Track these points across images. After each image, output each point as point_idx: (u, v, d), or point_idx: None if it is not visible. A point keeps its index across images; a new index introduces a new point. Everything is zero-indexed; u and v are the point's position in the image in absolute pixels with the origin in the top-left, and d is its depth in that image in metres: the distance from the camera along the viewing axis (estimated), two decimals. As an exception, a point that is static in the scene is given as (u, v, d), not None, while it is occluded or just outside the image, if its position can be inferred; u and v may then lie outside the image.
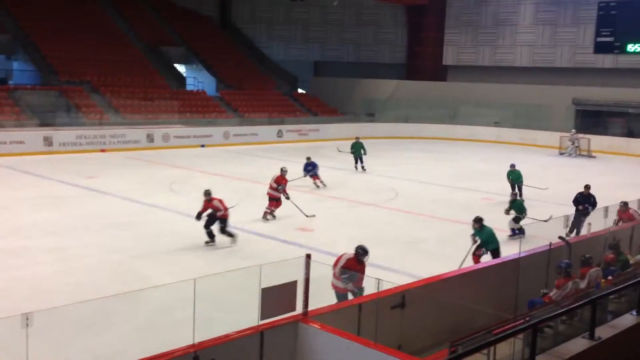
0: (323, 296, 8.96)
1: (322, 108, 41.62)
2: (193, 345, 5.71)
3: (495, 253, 11.61)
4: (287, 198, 16.43)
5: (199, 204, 16.68)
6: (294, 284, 6.86)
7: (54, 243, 13.20)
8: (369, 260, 9.51)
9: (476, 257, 11.87)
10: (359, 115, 40.93)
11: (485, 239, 11.74)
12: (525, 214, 14.99)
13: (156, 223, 15.50)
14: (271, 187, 16.41)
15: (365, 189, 21.13)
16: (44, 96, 31.11)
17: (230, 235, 13.79)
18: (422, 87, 42.00)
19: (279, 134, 35.17)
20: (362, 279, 9.08)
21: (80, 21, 37.69)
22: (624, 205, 13.07)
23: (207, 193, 13.85)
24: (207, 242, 13.61)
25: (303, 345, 6.40)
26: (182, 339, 7.35)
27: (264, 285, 6.96)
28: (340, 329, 6.22)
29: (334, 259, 12.58)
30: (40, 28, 35.46)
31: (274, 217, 16.30)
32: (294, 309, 6.76)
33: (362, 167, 24.78)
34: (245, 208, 17.46)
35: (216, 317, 8.80)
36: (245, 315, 8.65)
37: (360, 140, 25.24)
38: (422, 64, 44.02)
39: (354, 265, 9.29)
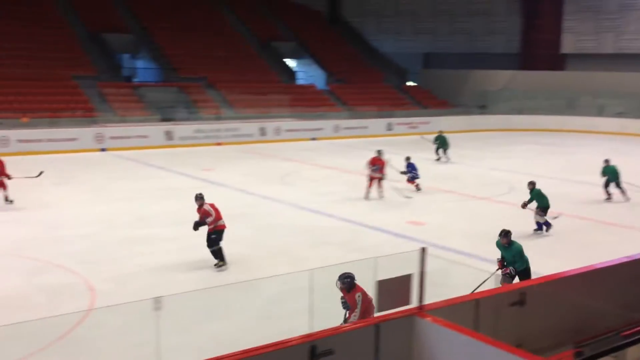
0: (438, 290, 8.84)
1: (432, 100, 40.97)
2: (309, 335, 5.78)
3: (525, 274, 9.55)
4: (383, 178, 17.59)
5: (310, 196, 16.92)
6: (409, 277, 6.79)
7: (175, 232, 13.82)
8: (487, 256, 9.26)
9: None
10: (471, 107, 39.91)
11: (510, 257, 9.62)
12: (547, 206, 13.89)
13: (269, 214, 15.88)
14: (369, 169, 17.68)
15: (476, 182, 20.61)
16: (165, 92, 32.70)
17: (217, 256, 11.38)
18: (537, 77, 40.34)
19: (389, 127, 35.01)
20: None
21: (197, 21, 39.25)
22: None
23: (199, 197, 11.73)
24: (215, 265, 11.33)
25: (419, 340, 6.30)
26: (297, 329, 7.52)
27: (378, 278, 6.96)
28: (456, 324, 6.09)
29: (448, 253, 12.40)
30: (162, 28, 37.27)
31: (383, 196, 17.53)
32: (408, 303, 6.69)
33: (447, 158, 25.02)
34: (355, 201, 17.57)
35: (329, 308, 8.90)
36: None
37: (444, 134, 25.51)
38: (537, 52, 42.25)
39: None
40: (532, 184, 14.29)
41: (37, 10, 34.09)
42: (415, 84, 44.51)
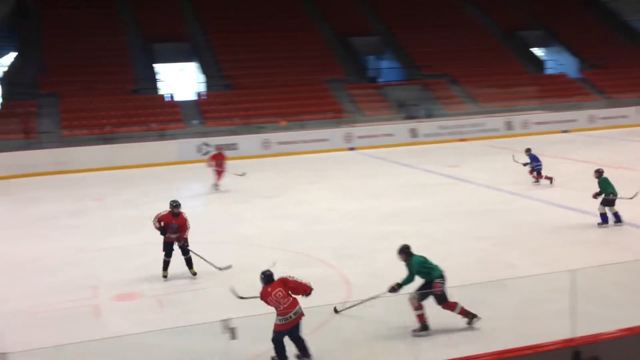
0: None
1: None
2: (572, 340, 5.45)
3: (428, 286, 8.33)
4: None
5: (563, 192, 15.95)
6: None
7: (422, 228, 13.99)
8: None
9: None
10: None
11: (415, 272, 8.63)
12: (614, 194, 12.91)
13: (519, 211, 15.30)
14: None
15: None
16: (408, 90, 33.25)
17: (191, 266, 11.16)
18: None
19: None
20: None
21: (438, 16, 39.20)
22: None
23: (177, 205, 11.48)
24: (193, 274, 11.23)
25: None
26: (555, 332, 7.13)
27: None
28: None
29: None
30: (405, 28, 37.94)
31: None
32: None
33: None
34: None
35: (592, 311, 8.29)
36: (624, 312, 8.00)
37: None
38: None
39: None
40: (598, 172, 13.60)
41: (290, 21, 36.91)
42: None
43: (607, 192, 13.23)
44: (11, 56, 32.72)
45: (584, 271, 7.73)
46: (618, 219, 13.21)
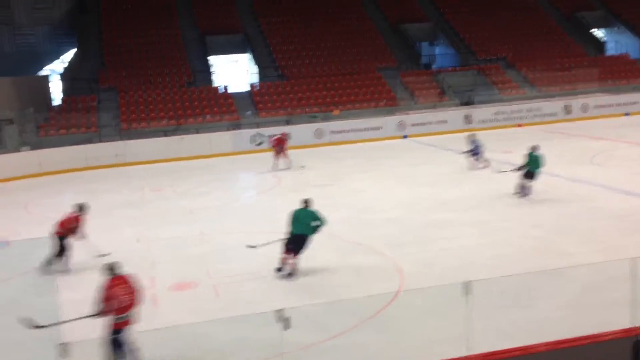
0: None
1: None
2: (632, 329, 5.30)
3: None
4: None
5: (625, 177, 15.54)
6: None
7: (475, 216, 13.82)
8: None
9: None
10: None
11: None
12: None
13: (578, 198, 14.89)
14: None
15: None
16: (462, 76, 32.70)
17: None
18: None
19: None
20: None
21: (495, 0, 38.35)
22: None
23: (82, 207, 11.84)
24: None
25: None
26: (614, 322, 6.95)
27: None
28: None
29: None
30: (458, 13, 37.28)
31: None
32: None
33: None
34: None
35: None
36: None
37: None
38: None
39: None
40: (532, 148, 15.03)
41: (342, 10, 36.77)
42: None
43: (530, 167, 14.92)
44: (72, 52, 33.74)
45: (642, 260, 7.46)
46: (526, 192, 14.95)
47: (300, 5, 36.52)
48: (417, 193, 16.67)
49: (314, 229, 10.63)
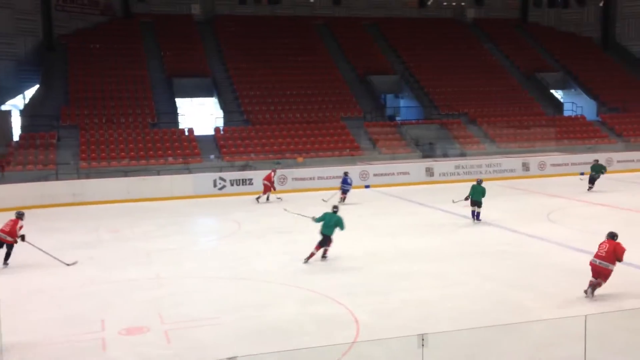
0: None
1: None
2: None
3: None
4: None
5: (580, 235, 15.87)
6: None
7: (436, 268, 13.87)
8: None
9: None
10: None
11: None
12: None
13: (533, 253, 15.10)
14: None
15: None
16: (425, 130, 33.33)
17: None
18: None
19: (606, 164, 31.12)
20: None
21: (459, 57, 39.51)
22: None
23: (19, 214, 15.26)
24: None
25: None
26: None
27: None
28: None
29: None
30: (423, 67, 38.25)
31: None
32: None
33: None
34: (634, 242, 15.88)
35: (603, 358, 8.11)
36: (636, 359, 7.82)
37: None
38: None
39: None
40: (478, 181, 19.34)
41: (311, 59, 37.39)
42: None
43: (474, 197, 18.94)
44: (34, 88, 33.37)
45: (597, 317, 7.56)
46: (477, 217, 18.89)
47: (269, 53, 37.01)
48: (379, 243, 16.69)
49: (334, 230, 14.66)
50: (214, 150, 29.62)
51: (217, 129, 31.34)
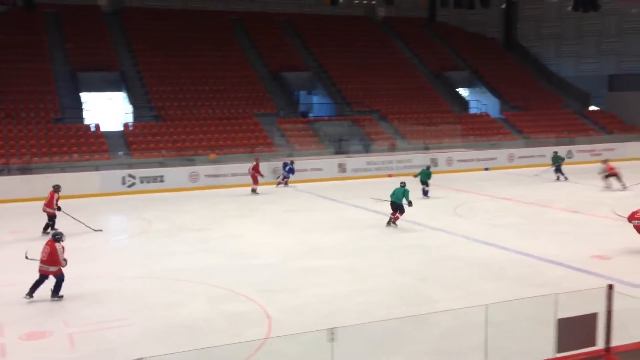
0: (627, 331, 8.09)
1: (618, 125, 38.09)
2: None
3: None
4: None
5: (484, 228, 16.50)
6: (593, 316, 6.32)
7: (348, 263, 14.08)
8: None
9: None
10: (665, 131, 36.55)
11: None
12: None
13: (442, 247, 15.61)
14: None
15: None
16: (338, 126, 33.67)
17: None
18: None
19: (569, 154, 33.02)
20: None
21: (371, 55, 40.15)
22: None
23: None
24: None
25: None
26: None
27: (559, 316, 6.54)
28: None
29: (638, 291, 11.30)
30: (336, 65, 38.63)
31: None
32: (593, 344, 6.22)
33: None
34: (533, 233, 16.72)
35: (506, 345, 8.49)
36: (536, 346, 8.24)
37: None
38: None
39: None
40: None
41: (224, 55, 36.95)
42: (598, 109, 41.70)
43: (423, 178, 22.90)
44: None
45: (499, 305, 7.92)
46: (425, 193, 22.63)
47: (181, 47, 36.29)
48: (292, 239, 16.76)
49: (402, 199, 17.69)
50: (122, 147, 28.74)
51: (126, 125, 30.43)
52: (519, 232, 16.98)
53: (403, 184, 18.14)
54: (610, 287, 6.08)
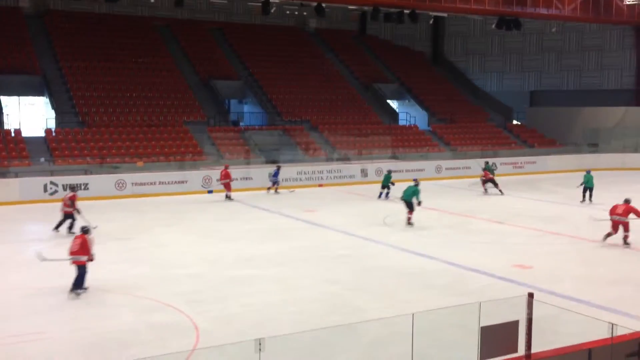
0: (547, 338, 8.40)
1: (538, 139, 39.70)
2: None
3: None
4: None
5: (412, 238, 16.76)
6: (515, 323, 6.52)
7: (278, 273, 14.03)
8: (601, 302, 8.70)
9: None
10: (580, 145, 38.32)
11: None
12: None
13: (371, 256, 15.78)
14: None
15: (588, 224, 19.55)
16: (269, 135, 33.66)
17: None
18: (654, 113, 38.23)
19: (493, 167, 34.10)
20: None
21: (302, 65, 40.38)
22: None
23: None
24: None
25: (527, 391, 6.01)
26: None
27: (483, 324, 6.71)
28: (568, 376, 5.74)
29: (557, 299, 11.74)
30: (267, 74, 38.61)
31: None
32: (515, 351, 6.41)
33: (590, 200, 24.42)
34: (459, 243, 17.15)
35: (432, 353, 8.65)
36: (461, 353, 8.44)
37: (591, 173, 24.99)
38: (654, 88, 40.17)
39: None
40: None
41: (154, 61, 36.30)
42: (520, 123, 43.38)
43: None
44: None
45: (426, 314, 8.06)
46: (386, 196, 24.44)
47: (107, 52, 35.41)
48: (221, 249, 16.56)
49: (412, 197, 19.12)
50: (44, 153, 27.72)
51: (48, 131, 29.38)
52: (446, 242, 17.38)
53: (416, 183, 19.63)
54: (531, 295, 6.29)
